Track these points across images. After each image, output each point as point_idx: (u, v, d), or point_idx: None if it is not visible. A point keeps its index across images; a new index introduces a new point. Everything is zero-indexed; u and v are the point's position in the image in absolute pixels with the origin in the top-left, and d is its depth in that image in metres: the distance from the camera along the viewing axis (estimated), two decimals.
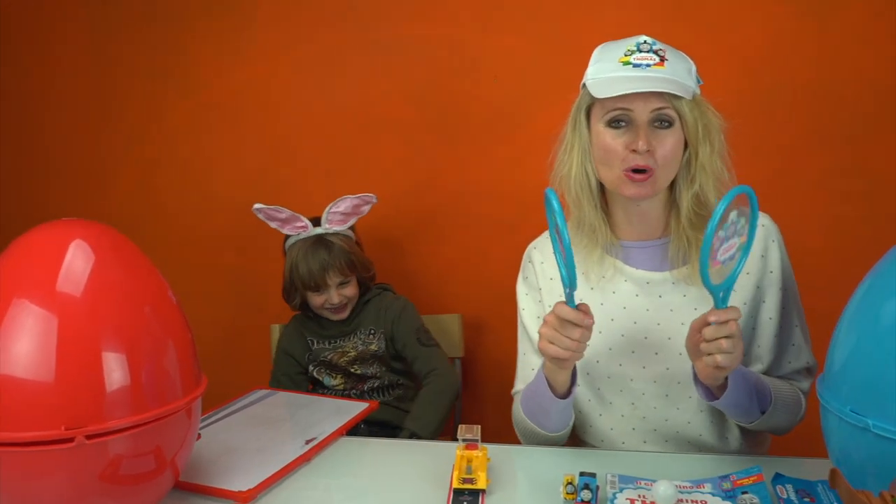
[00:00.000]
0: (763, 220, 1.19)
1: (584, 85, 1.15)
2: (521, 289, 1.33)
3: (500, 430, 1.31)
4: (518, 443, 1.28)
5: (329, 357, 1.74)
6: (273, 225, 1.72)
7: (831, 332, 1.21)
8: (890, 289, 0.81)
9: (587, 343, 1.03)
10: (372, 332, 1.73)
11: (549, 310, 1.06)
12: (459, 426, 1.04)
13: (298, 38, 2.02)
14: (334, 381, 1.75)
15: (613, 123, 1.12)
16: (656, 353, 1.19)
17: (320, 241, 1.68)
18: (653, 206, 1.19)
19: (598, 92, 1.10)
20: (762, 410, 1.12)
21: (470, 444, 1.03)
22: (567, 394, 1.13)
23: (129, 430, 0.84)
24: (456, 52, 1.93)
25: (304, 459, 1.15)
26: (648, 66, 1.10)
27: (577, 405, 1.25)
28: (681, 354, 1.14)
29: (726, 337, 0.96)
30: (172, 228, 2.17)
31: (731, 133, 1.17)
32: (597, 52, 1.17)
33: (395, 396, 1.75)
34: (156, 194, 2.18)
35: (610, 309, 1.22)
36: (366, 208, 1.75)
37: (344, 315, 1.72)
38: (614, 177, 1.14)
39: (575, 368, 1.13)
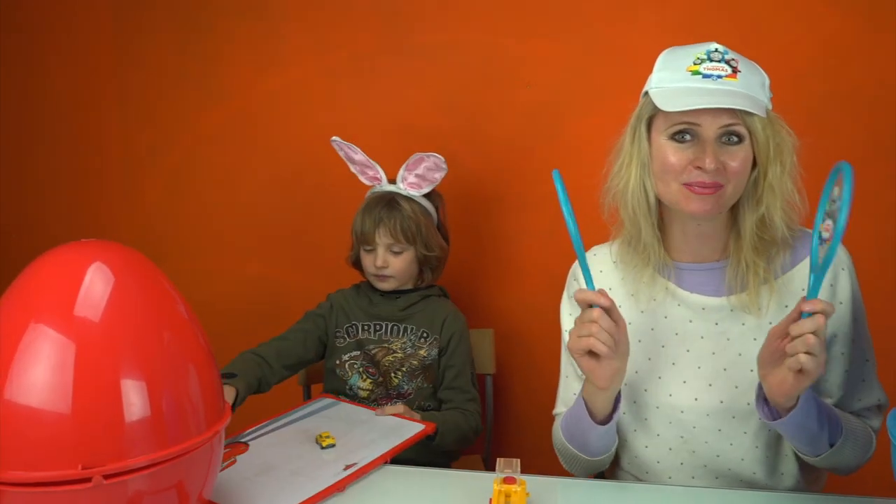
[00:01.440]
0: None
1: (647, 93, 1.08)
2: (566, 308, 1.25)
3: (533, 450, 1.25)
4: (557, 469, 1.21)
5: (374, 351, 1.59)
6: (352, 168, 1.65)
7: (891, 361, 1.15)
8: None
9: (612, 333, 0.98)
10: (425, 335, 1.59)
11: None
12: (498, 459, 0.98)
13: (330, 45, 1.98)
14: (362, 384, 1.60)
15: (677, 136, 1.05)
16: (710, 385, 1.11)
17: (386, 197, 1.58)
18: (713, 227, 1.11)
19: (665, 104, 1.01)
20: (831, 443, 1.03)
21: (508, 479, 0.97)
22: (607, 419, 1.07)
23: (150, 468, 0.79)
24: (489, 58, 1.87)
25: (337, 489, 1.09)
26: (720, 77, 1.02)
27: (622, 434, 1.18)
28: (737, 388, 1.08)
29: (814, 332, 0.88)
30: (199, 237, 2.14)
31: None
32: (662, 59, 1.09)
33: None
34: (183, 202, 2.14)
35: (661, 334, 1.14)
36: (438, 175, 1.61)
37: (387, 286, 1.59)
38: (674, 192, 1.06)
39: (619, 393, 1.06)
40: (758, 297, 1.08)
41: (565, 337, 1.24)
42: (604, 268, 1.22)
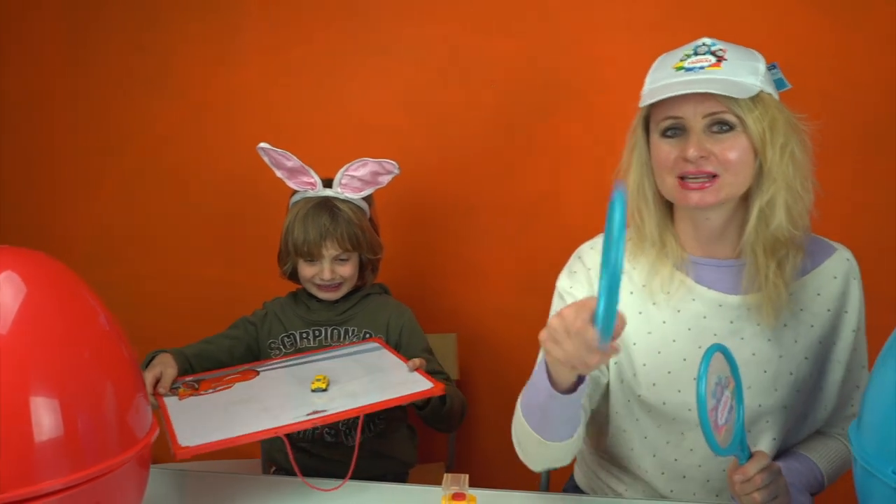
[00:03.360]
0: (846, 254, 1.13)
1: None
2: (564, 284, 1.19)
3: (499, 458, 1.20)
4: (525, 476, 1.17)
5: (313, 350, 1.51)
6: (279, 174, 1.53)
7: None
8: None
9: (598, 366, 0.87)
10: (367, 335, 1.51)
11: None
12: (445, 475, 0.93)
13: (288, 42, 1.92)
14: None
15: (668, 133, 1.05)
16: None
17: (326, 204, 1.48)
18: (723, 221, 1.09)
19: (644, 101, 1.04)
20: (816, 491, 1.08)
21: (457, 495, 0.92)
22: (570, 389, 0.95)
23: (63, 491, 0.73)
24: (453, 56, 1.83)
25: (274, 433, 1.07)
26: (702, 68, 1.02)
27: (617, 424, 1.15)
28: (749, 388, 1.05)
29: (758, 490, 0.92)
30: (157, 240, 2.07)
31: (815, 137, 1.08)
32: (655, 62, 1.10)
33: (377, 433, 1.50)
34: (138, 204, 2.07)
35: (673, 328, 1.11)
36: (385, 178, 1.53)
37: (335, 296, 1.51)
38: (670, 187, 1.06)
39: None
40: (771, 300, 1.06)
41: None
42: None
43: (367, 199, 1.56)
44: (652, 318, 1.12)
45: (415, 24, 1.84)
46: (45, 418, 0.73)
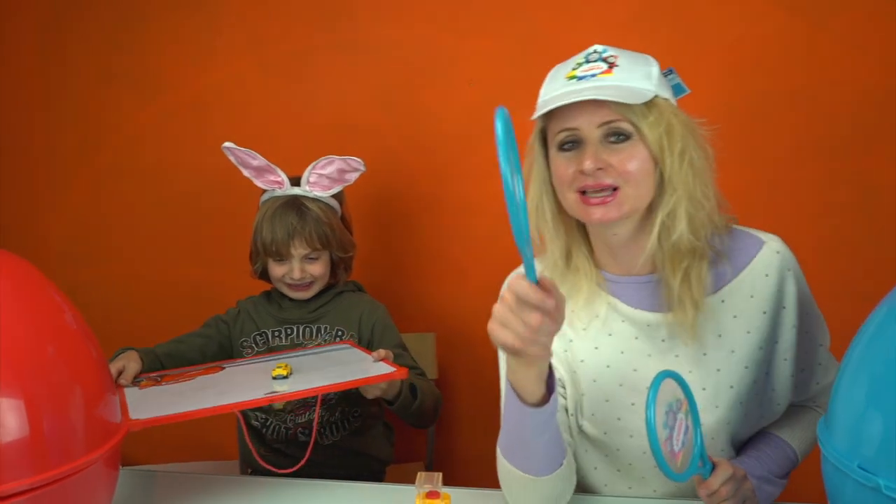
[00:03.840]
0: (776, 245, 1.05)
1: None
2: None
3: (478, 457, 1.19)
4: (489, 479, 1.16)
5: (281, 350, 1.50)
6: (245, 173, 1.51)
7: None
8: None
9: (551, 335, 0.83)
10: (340, 333, 1.50)
11: None
12: (419, 474, 0.93)
13: (266, 40, 1.91)
14: None
15: (565, 146, 1.00)
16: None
17: (294, 203, 1.47)
18: (631, 235, 1.03)
19: (536, 113, 0.99)
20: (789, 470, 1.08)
21: (431, 493, 0.92)
22: (542, 402, 0.89)
23: (29, 492, 0.72)
24: (429, 55, 1.83)
25: (229, 409, 1.07)
26: (594, 75, 0.97)
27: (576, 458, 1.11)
28: None
29: (725, 501, 0.92)
30: (131, 239, 2.05)
31: (715, 142, 1.02)
32: (549, 73, 1.05)
33: (352, 430, 1.50)
34: (114, 203, 2.05)
35: (606, 354, 1.07)
36: (352, 176, 1.53)
37: (306, 295, 1.50)
38: (571, 203, 1.01)
39: (551, 369, 0.90)
40: (679, 320, 1.01)
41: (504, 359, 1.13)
42: None
43: (338, 196, 1.55)
44: (584, 344, 1.08)
45: (391, 24, 1.83)
46: (9, 418, 0.72)
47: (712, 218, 1.01)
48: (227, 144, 1.49)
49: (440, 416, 1.54)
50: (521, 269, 1.14)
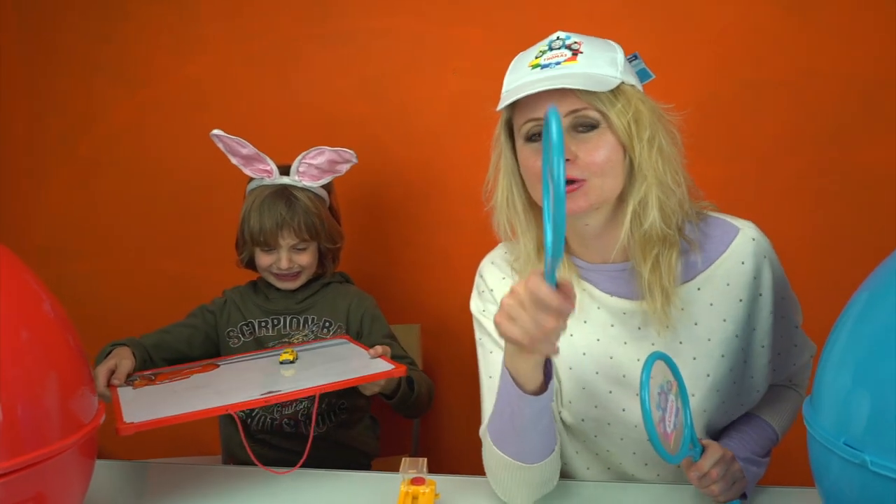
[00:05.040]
0: (752, 232, 1.04)
1: None
2: (478, 306, 1.14)
3: (464, 448, 1.18)
4: (475, 471, 1.15)
5: (272, 347, 1.48)
6: (234, 161, 1.50)
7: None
8: None
9: (560, 334, 0.83)
10: (328, 324, 1.49)
11: None
12: (403, 459, 0.92)
13: (251, 30, 1.89)
14: None
15: (533, 137, 0.98)
16: (637, 395, 1.00)
17: (283, 192, 1.45)
18: (603, 224, 1.01)
19: (501, 104, 0.97)
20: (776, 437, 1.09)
21: (416, 479, 0.91)
22: (539, 390, 0.90)
23: (3, 476, 0.70)
24: (414, 45, 1.82)
25: (224, 410, 1.04)
26: (558, 63, 0.95)
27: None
28: None
29: (715, 482, 0.92)
30: (114, 232, 2.03)
31: (703, 132, 1.04)
32: (512, 62, 1.03)
33: (338, 422, 1.49)
34: (96, 196, 2.03)
35: (581, 340, 1.05)
36: (343, 167, 1.51)
37: (293, 285, 1.49)
38: (540, 195, 0.97)
39: (550, 362, 0.92)
40: (655, 305, 0.99)
41: (482, 341, 1.12)
42: (506, 273, 1.12)
43: (327, 186, 1.54)
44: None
45: (377, 14, 1.82)
46: None
47: (683, 205, 1.00)
48: (215, 132, 1.47)
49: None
50: (493, 256, 1.17)
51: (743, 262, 1.02)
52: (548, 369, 0.91)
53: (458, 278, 1.84)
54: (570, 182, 0.94)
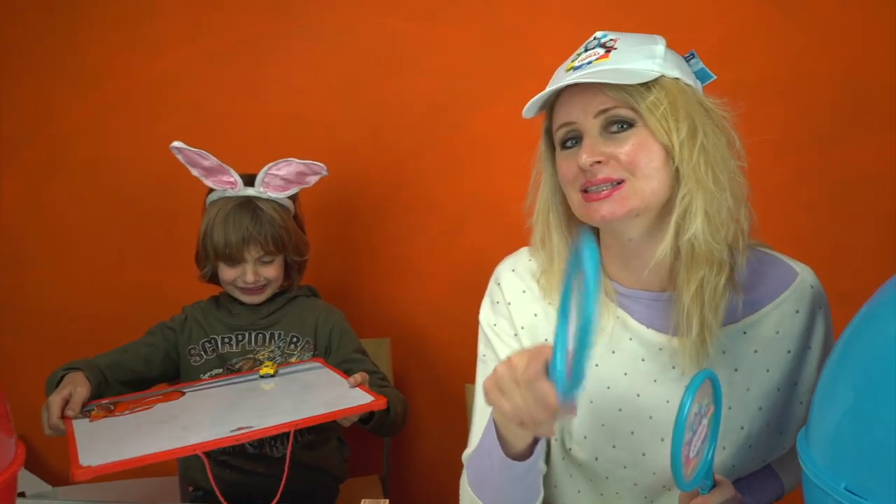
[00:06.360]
0: (811, 279, 0.95)
1: None
2: (488, 318, 1.03)
3: (435, 465, 1.10)
4: (447, 489, 1.07)
5: (238, 365, 1.41)
6: (194, 172, 1.42)
7: None
8: None
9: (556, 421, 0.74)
10: (295, 340, 1.44)
11: None
12: (363, 501, 0.85)
13: (213, 27, 1.81)
14: None
15: (568, 144, 0.91)
16: (662, 440, 0.92)
17: (247, 204, 1.39)
18: (645, 240, 0.91)
19: (527, 112, 0.92)
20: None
21: None
22: (525, 454, 0.82)
23: None
24: (385, 44, 1.75)
25: (191, 451, 0.98)
26: (590, 62, 0.88)
27: (554, 495, 1.00)
28: None
29: None
30: (68, 241, 1.93)
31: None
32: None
33: (305, 443, 1.40)
34: (48, 202, 1.92)
35: (607, 373, 0.94)
36: (312, 179, 1.46)
37: (259, 299, 1.43)
38: (576, 204, 0.90)
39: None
40: (689, 338, 0.89)
41: (485, 358, 1.03)
42: (527, 286, 1.01)
43: (293, 196, 1.48)
44: None
45: (345, 10, 1.75)
46: None
47: (737, 219, 0.89)
48: (175, 144, 1.40)
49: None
50: (515, 263, 1.05)
51: (797, 311, 0.93)
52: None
53: (427, 289, 1.79)
54: (606, 184, 0.87)
